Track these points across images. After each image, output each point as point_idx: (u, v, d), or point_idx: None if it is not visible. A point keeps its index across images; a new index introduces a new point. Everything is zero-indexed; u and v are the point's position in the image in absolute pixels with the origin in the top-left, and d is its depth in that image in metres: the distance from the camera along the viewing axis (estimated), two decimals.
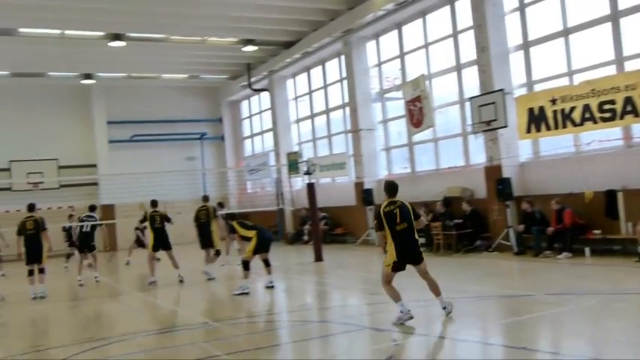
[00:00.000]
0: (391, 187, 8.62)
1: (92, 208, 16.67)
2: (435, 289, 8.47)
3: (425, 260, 8.51)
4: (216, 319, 9.98)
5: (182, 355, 7.80)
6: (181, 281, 14.34)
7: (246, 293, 11.94)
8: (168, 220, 14.92)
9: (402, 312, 8.20)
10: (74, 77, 27.13)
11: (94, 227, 16.05)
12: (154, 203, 15.19)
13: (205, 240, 15.44)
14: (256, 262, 12.67)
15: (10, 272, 17.65)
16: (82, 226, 16.00)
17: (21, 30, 20.45)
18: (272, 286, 12.43)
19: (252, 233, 12.42)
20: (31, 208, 13.81)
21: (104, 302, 13.25)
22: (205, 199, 16.39)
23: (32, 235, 13.44)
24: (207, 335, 8.73)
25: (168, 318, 11.19)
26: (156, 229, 14.64)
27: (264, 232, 12.66)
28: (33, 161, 26.10)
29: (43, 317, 11.78)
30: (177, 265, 14.69)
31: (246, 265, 12.26)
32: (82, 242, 16.01)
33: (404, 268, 8.45)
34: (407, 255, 8.37)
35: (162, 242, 14.68)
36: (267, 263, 12.67)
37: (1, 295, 13.53)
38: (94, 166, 28.14)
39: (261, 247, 12.44)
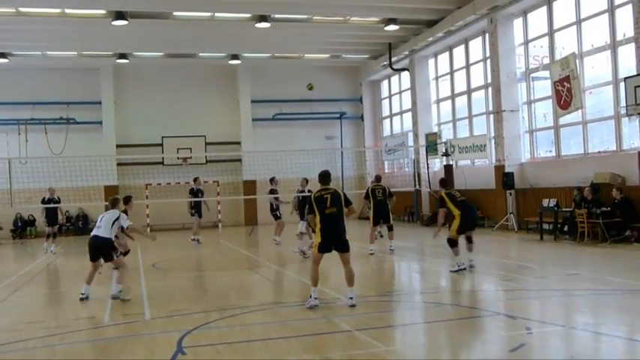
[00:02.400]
0: (323, 176, 9.47)
1: (272, 181, 17.86)
2: (350, 280, 9.11)
3: (349, 252, 9.19)
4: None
5: (314, 329, 8.01)
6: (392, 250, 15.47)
7: (463, 269, 11.95)
8: None
9: (311, 297, 9.09)
10: (222, 58, 28.39)
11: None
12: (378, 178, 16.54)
13: (385, 216, 15.89)
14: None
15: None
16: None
17: (175, 13, 21.66)
18: (464, 269, 11.98)
19: (456, 212, 12.25)
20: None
21: (245, 273, 13.90)
22: (378, 178, 16.77)
23: None
24: (339, 311, 8.89)
25: (303, 291, 11.50)
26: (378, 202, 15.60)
27: (468, 211, 12.46)
28: (183, 137, 27.72)
29: (192, 284, 12.54)
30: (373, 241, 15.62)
31: (452, 243, 12.19)
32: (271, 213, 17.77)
33: (330, 251, 9.16)
34: (331, 238, 9.10)
35: (383, 215, 15.70)
36: (469, 240, 12.53)
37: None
38: (238, 143, 29.41)
39: (466, 227, 12.36)
